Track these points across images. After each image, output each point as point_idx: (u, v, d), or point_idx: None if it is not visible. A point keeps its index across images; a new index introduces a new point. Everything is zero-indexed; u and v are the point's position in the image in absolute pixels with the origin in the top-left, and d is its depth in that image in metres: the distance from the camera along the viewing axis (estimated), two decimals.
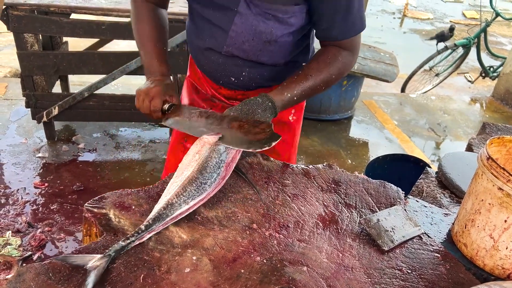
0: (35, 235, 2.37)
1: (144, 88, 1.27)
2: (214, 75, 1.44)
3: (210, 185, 1.07)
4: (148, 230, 0.95)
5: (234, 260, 0.93)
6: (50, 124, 3.19)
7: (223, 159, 1.12)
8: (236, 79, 1.41)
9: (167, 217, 0.99)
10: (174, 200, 1.02)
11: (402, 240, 1.06)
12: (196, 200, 1.04)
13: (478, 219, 1.02)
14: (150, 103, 1.24)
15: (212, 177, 1.08)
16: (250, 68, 1.37)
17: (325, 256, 0.98)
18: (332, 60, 1.29)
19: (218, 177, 1.10)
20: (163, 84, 1.27)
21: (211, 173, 1.09)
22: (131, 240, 0.92)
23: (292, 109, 1.53)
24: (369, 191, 1.23)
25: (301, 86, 1.26)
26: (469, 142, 1.66)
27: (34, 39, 2.81)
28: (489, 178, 0.97)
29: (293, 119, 1.57)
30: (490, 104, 5.05)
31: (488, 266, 1.02)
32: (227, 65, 1.37)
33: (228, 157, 1.14)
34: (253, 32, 1.27)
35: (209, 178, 1.08)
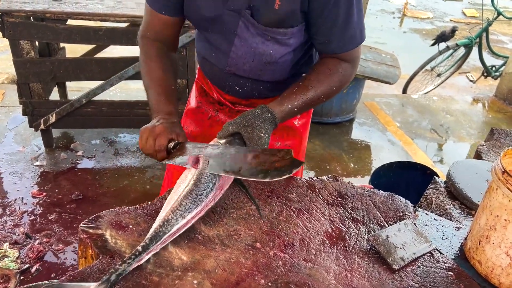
0: (33, 246, 2.32)
1: (149, 127, 1.19)
2: (219, 84, 1.45)
3: (206, 196, 1.03)
4: (146, 251, 0.90)
5: (237, 283, 0.89)
6: (48, 132, 3.14)
7: None
8: (240, 89, 1.41)
9: (164, 234, 0.94)
10: (170, 216, 0.97)
11: (413, 257, 1.01)
12: (193, 213, 0.99)
13: (493, 236, 0.97)
14: (155, 142, 1.16)
15: (208, 187, 1.04)
16: (252, 83, 1.37)
17: (333, 277, 0.93)
18: (332, 72, 1.26)
19: (215, 187, 1.06)
20: (168, 122, 1.20)
21: (207, 183, 1.05)
22: (128, 262, 0.87)
23: None
24: (376, 204, 1.18)
25: (301, 98, 1.23)
26: (478, 149, 1.61)
27: (30, 46, 2.76)
28: (504, 193, 0.92)
29: (299, 124, 1.53)
30: (493, 104, 5.00)
31: (504, 285, 0.97)
32: (230, 79, 1.38)
33: None
34: (253, 54, 1.27)
35: (205, 189, 1.04)
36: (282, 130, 1.48)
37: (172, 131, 1.18)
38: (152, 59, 1.32)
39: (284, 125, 1.45)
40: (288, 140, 1.52)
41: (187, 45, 2.80)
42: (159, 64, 1.32)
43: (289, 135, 1.52)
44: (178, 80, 2.95)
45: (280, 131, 1.48)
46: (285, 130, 1.50)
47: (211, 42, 1.32)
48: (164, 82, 1.30)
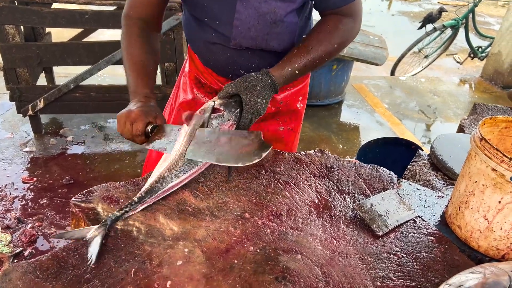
0: (26, 230, 2.33)
1: (125, 112, 1.16)
2: (222, 69, 1.40)
3: None
4: (141, 202, 0.98)
5: (227, 251, 0.92)
6: (36, 118, 3.13)
7: None
8: (245, 72, 1.34)
9: (159, 190, 1.01)
10: (166, 174, 1.03)
11: (396, 224, 1.05)
12: (187, 174, 1.06)
13: (472, 201, 1.01)
14: (132, 127, 1.14)
15: None
16: (260, 59, 1.32)
17: (319, 243, 0.97)
18: (332, 29, 1.23)
19: None
20: (146, 106, 1.18)
21: None
22: (125, 210, 0.96)
23: (300, 95, 1.51)
24: (361, 176, 1.22)
25: (302, 59, 1.21)
26: (461, 123, 1.65)
27: (16, 31, 2.73)
28: (482, 159, 0.96)
29: (301, 107, 1.54)
30: (479, 85, 5.07)
31: (483, 248, 1.02)
32: (235, 59, 1.33)
33: None
34: (257, 15, 1.22)
35: None
36: (285, 114, 1.49)
37: (149, 114, 1.16)
38: (133, 38, 1.29)
39: (288, 108, 1.47)
40: (290, 124, 1.53)
41: (174, 28, 2.79)
42: (140, 44, 1.28)
43: (292, 119, 1.52)
44: (166, 64, 2.95)
45: (283, 116, 1.49)
46: (288, 115, 1.50)
47: (211, 18, 1.26)
48: (143, 63, 1.27)
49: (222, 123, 1.14)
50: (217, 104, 1.16)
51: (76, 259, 0.86)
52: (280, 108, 1.47)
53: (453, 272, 0.91)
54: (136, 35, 1.29)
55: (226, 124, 1.14)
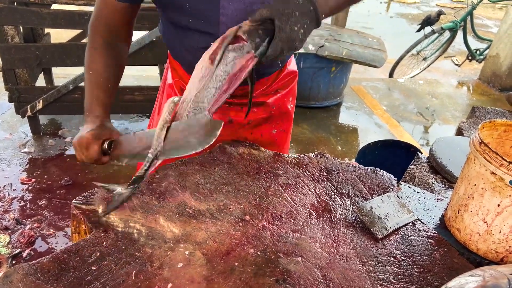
0: (24, 231, 2.33)
1: (76, 139, 1.13)
2: None
3: (208, 103, 1.01)
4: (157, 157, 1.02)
5: (228, 253, 0.92)
6: (35, 118, 3.12)
7: (227, 70, 0.99)
8: None
9: None
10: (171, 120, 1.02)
11: (396, 227, 1.06)
12: None
13: (471, 204, 1.01)
14: (88, 152, 1.11)
15: (210, 93, 1.00)
16: None
17: (319, 246, 0.97)
18: None
19: (218, 92, 1.00)
20: (96, 128, 1.13)
21: (209, 88, 1.00)
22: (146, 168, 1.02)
23: (290, 96, 1.49)
24: (361, 179, 1.22)
25: None
26: (459, 126, 1.66)
27: (15, 31, 2.73)
28: (481, 163, 0.97)
29: (291, 108, 1.52)
30: (477, 87, 5.09)
31: (482, 251, 1.02)
32: None
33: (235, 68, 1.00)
34: (244, 7, 1.14)
35: (207, 96, 1.00)
36: (278, 117, 1.47)
37: (100, 136, 1.12)
38: (95, 51, 1.20)
39: (280, 111, 1.45)
40: (282, 126, 1.51)
41: None
42: (101, 58, 1.20)
43: (283, 120, 1.49)
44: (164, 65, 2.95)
45: (276, 119, 1.46)
46: (280, 117, 1.47)
47: (196, 18, 1.17)
48: (101, 79, 1.19)
49: (240, 57, 0.99)
50: (241, 31, 0.99)
51: (77, 261, 0.86)
52: (273, 112, 1.45)
53: (452, 275, 0.92)
54: (99, 47, 1.20)
55: (244, 57, 0.99)
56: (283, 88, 1.45)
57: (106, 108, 1.20)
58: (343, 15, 4.78)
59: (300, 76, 1.53)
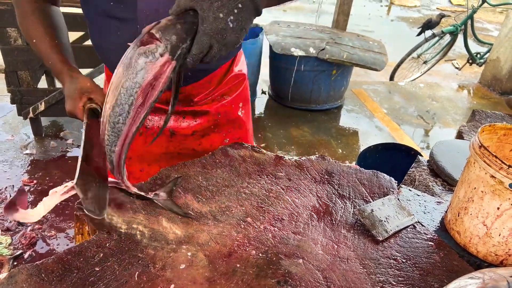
0: (25, 233, 2.34)
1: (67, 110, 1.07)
2: None
3: (124, 123, 0.85)
4: None
5: (230, 254, 0.93)
6: (37, 120, 3.14)
7: (138, 81, 0.81)
8: None
9: None
10: None
11: (396, 229, 1.07)
12: (119, 145, 0.88)
13: (471, 207, 1.02)
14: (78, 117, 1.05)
15: (124, 111, 0.84)
16: None
17: (320, 248, 0.98)
18: None
19: (132, 109, 0.83)
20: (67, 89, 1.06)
21: (122, 105, 0.83)
22: None
23: (239, 102, 1.39)
24: (362, 181, 1.23)
25: None
26: (459, 129, 1.67)
27: (18, 34, 2.74)
28: (481, 166, 0.98)
29: (242, 114, 1.40)
30: (478, 91, 5.10)
31: (481, 253, 1.03)
32: None
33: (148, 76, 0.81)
34: None
35: (121, 114, 0.84)
36: (227, 124, 1.37)
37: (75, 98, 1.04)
38: (29, 17, 1.12)
39: (228, 118, 1.36)
40: (235, 134, 1.42)
41: None
42: (38, 21, 1.12)
43: (235, 128, 1.41)
44: None
45: (226, 127, 1.37)
46: (231, 124, 1.38)
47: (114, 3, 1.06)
48: (48, 37, 1.11)
49: (152, 62, 0.80)
50: (155, 28, 0.80)
51: (81, 262, 0.86)
52: (219, 120, 1.34)
53: (452, 277, 0.92)
54: (30, 14, 1.13)
55: (159, 61, 0.80)
56: (230, 93, 1.35)
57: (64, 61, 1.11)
58: (344, 18, 4.80)
59: (301, 79, 1.52)
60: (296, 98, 3.96)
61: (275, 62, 3.94)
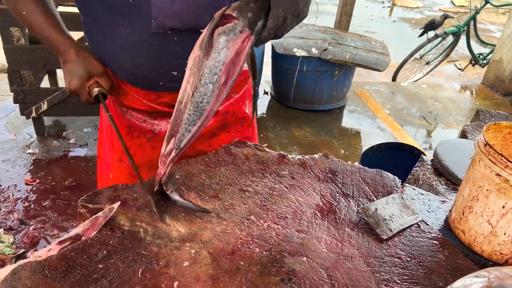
0: (28, 232, 2.34)
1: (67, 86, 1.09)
2: (150, 77, 1.16)
3: (208, 102, 0.89)
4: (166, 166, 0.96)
5: (233, 252, 0.92)
6: (39, 120, 3.14)
7: (221, 59, 0.86)
8: (178, 72, 1.15)
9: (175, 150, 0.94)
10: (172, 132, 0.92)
11: (400, 228, 1.06)
12: (198, 124, 0.91)
13: (475, 206, 1.02)
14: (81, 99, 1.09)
15: (207, 90, 0.87)
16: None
17: (324, 246, 0.98)
18: None
19: (216, 87, 0.88)
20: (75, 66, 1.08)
21: (206, 84, 0.87)
22: None
23: (246, 99, 1.40)
24: (366, 180, 1.23)
25: None
26: (463, 129, 1.66)
27: (21, 33, 2.75)
28: (486, 164, 0.97)
29: (249, 111, 1.40)
30: (480, 92, 5.09)
31: (486, 252, 1.02)
32: (163, 56, 1.12)
33: (231, 53, 0.86)
34: None
35: (205, 93, 0.88)
36: (236, 123, 1.38)
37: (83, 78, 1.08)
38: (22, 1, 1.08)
39: (236, 116, 1.37)
40: (244, 133, 1.42)
41: None
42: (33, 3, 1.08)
43: (244, 126, 1.41)
44: None
45: (234, 125, 1.38)
46: (239, 122, 1.38)
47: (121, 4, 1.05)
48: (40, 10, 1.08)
49: (233, 39, 0.85)
50: (230, 9, 0.86)
51: (84, 259, 0.86)
52: (227, 119, 1.35)
53: (457, 276, 0.92)
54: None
55: (240, 37, 0.85)
56: (237, 90, 1.35)
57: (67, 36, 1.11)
58: (346, 19, 4.80)
59: (303, 79, 1.51)
60: (298, 98, 3.95)
61: (277, 62, 3.93)
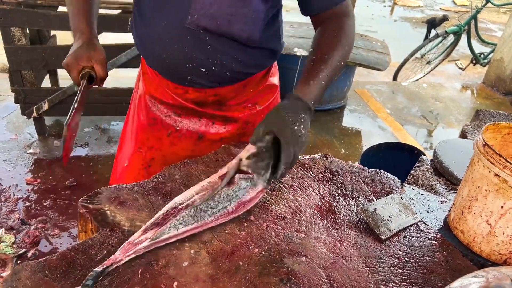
0: (29, 232, 2.35)
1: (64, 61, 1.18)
2: (180, 70, 1.22)
3: (210, 215, 0.97)
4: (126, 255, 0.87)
5: (233, 252, 0.93)
6: (40, 120, 3.15)
7: (239, 195, 1.00)
8: (206, 70, 1.21)
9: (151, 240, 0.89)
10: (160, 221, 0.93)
11: (399, 228, 1.06)
12: (188, 227, 0.94)
13: (474, 206, 1.02)
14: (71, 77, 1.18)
15: (216, 207, 0.98)
16: (222, 51, 1.18)
17: (323, 246, 0.98)
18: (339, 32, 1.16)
19: (224, 210, 0.98)
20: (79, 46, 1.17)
21: (217, 203, 0.98)
22: (107, 266, 0.83)
23: (276, 68, 1.45)
24: (365, 180, 1.23)
25: (322, 70, 1.09)
26: (463, 129, 1.66)
27: (21, 33, 2.75)
28: (485, 165, 0.97)
29: (278, 81, 1.44)
30: (481, 91, 5.08)
31: (485, 252, 1.03)
32: (193, 51, 1.17)
33: (246, 196, 1.01)
34: None
35: (213, 207, 0.98)
36: (262, 92, 1.38)
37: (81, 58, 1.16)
38: None
39: (271, 85, 1.39)
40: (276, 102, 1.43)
41: None
42: None
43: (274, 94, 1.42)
44: None
45: (263, 93, 1.38)
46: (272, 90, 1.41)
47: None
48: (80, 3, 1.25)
49: (251, 187, 1.02)
50: (244, 166, 1.02)
51: (84, 259, 0.87)
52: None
53: (455, 276, 0.92)
54: None
55: (256, 189, 1.02)
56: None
57: (90, 24, 1.22)
58: None
59: None
60: None
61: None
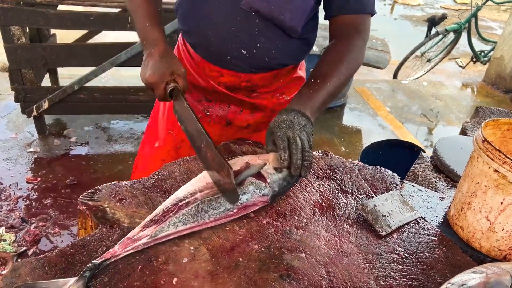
0: (29, 230, 2.35)
1: (142, 76, 1.15)
2: (222, 49, 1.26)
3: (210, 216, 0.97)
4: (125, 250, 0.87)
5: (232, 249, 0.93)
6: (40, 118, 3.15)
7: (243, 199, 1.00)
8: (247, 52, 1.25)
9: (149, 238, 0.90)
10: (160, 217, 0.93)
11: (399, 224, 1.06)
12: (187, 226, 0.94)
13: (474, 202, 1.02)
14: (155, 93, 1.15)
15: (218, 209, 0.98)
16: (266, 36, 1.23)
17: (323, 243, 0.98)
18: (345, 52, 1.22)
19: (225, 213, 0.98)
20: (157, 63, 1.14)
21: (220, 205, 0.98)
22: (104, 259, 0.84)
23: (303, 61, 1.47)
24: (365, 177, 1.23)
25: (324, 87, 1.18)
26: (463, 126, 1.66)
27: (21, 32, 2.75)
28: (485, 161, 0.97)
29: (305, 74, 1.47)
30: (482, 89, 5.08)
31: (485, 248, 1.03)
32: (240, 31, 1.22)
33: (248, 200, 1.01)
34: None
35: (214, 209, 0.97)
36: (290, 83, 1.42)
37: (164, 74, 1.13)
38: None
39: (298, 77, 1.43)
40: None
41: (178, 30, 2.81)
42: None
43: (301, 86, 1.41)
44: None
45: (290, 85, 1.42)
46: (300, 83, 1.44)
47: None
48: (146, 7, 1.21)
49: (257, 194, 1.02)
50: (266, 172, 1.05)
51: (84, 255, 0.87)
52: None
53: (455, 272, 0.92)
54: None
55: (261, 198, 1.03)
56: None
57: (162, 32, 1.21)
58: None
59: None
60: None
61: None
